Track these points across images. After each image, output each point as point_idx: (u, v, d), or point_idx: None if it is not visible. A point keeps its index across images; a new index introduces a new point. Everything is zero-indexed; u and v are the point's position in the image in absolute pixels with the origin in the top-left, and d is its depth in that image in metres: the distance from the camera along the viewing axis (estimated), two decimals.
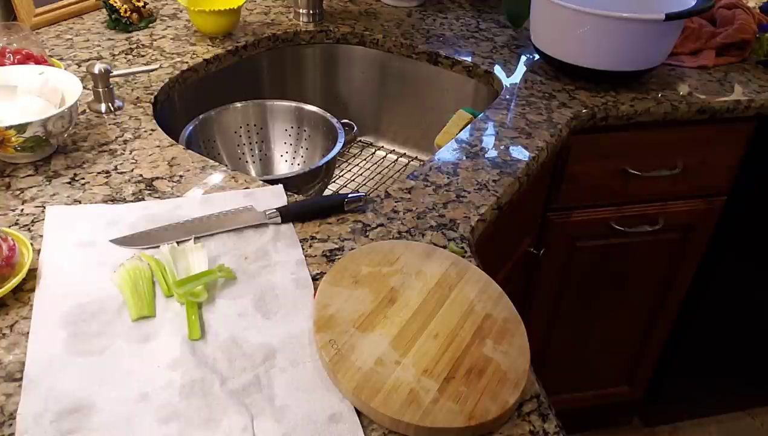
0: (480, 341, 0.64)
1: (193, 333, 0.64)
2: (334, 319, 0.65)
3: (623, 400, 1.70)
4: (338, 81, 1.46)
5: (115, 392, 0.59)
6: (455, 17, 1.48)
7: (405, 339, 0.63)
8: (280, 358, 0.63)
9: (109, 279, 0.70)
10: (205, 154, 0.98)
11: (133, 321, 0.65)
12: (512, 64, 1.28)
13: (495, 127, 1.06)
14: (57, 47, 1.18)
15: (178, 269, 0.71)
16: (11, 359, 0.61)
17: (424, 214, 0.85)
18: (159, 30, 1.29)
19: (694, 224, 1.36)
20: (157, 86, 1.08)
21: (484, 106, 1.25)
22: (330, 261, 0.76)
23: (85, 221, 0.77)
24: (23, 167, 0.86)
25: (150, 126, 0.98)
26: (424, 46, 1.33)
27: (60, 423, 0.55)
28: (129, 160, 0.90)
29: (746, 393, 1.85)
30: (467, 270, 0.73)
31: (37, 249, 0.73)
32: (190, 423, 0.56)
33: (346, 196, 0.83)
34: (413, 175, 0.93)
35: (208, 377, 0.60)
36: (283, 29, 1.35)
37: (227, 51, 1.24)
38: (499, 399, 0.59)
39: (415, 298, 0.68)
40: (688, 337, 1.57)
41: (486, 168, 0.95)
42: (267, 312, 0.68)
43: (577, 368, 1.58)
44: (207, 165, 0.91)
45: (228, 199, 0.83)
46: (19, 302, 0.67)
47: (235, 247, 0.76)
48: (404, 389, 0.59)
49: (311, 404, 0.59)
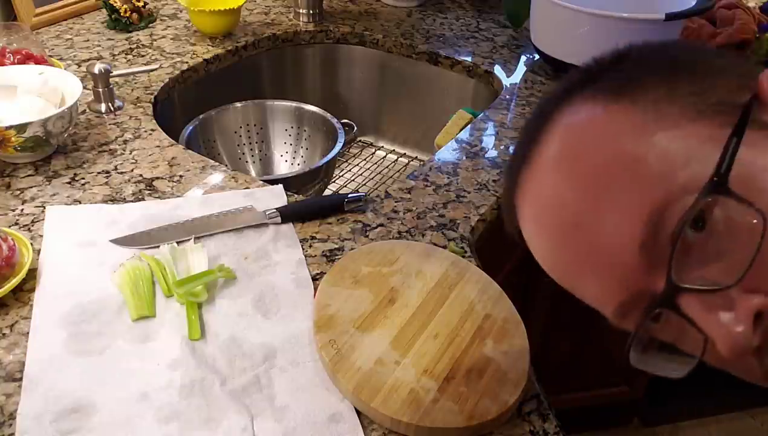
0: (480, 341, 0.64)
1: (193, 333, 0.64)
2: (334, 319, 0.65)
3: (623, 400, 1.70)
4: (338, 81, 1.46)
5: (115, 392, 0.59)
6: (455, 17, 1.48)
7: (405, 339, 0.63)
8: (280, 358, 0.63)
9: (109, 279, 0.70)
10: (205, 154, 0.98)
11: (133, 321, 0.65)
12: (512, 64, 1.28)
13: (495, 127, 1.06)
14: (57, 47, 1.18)
15: (178, 269, 0.71)
16: (11, 359, 0.61)
17: (424, 214, 0.85)
18: (159, 30, 1.28)
19: None
20: (157, 86, 1.08)
21: (484, 106, 1.25)
22: (330, 261, 0.75)
23: (85, 221, 0.77)
24: (23, 167, 0.86)
25: (150, 126, 0.98)
26: (424, 46, 1.33)
27: (60, 423, 0.55)
28: (129, 160, 0.90)
29: (746, 393, 1.85)
30: (467, 270, 0.73)
31: (37, 249, 0.73)
32: (190, 423, 0.56)
33: (346, 196, 0.83)
34: (413, 175, 0.93)
35: (208, 377, 0.60)
36: (283, 29, 1.35)
37: (227, 51, 1.24)
38: (499, 399, 0.59)
39: (415, 298, 0.68)
40: None
41: (486, 168, 0.95)
42: (267, 312, 0.68)
43: (577, 368, 1.58)
44: (207, 165, 0.91)
45: (228, 199, 0.83)
46: (19, 302, 0.67)
47: (235, 247, 0.76)
48: (404, 389, 0.59)
49: (311, 404, 0.59)
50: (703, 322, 0.34)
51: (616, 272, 0.36)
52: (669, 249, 0.33)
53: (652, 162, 0.34)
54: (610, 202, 0.35)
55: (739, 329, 0.33)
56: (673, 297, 0.34)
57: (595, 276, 0.37)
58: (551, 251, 0.40)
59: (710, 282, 0.34)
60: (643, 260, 0.35)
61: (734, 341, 0.33)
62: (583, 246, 0.37)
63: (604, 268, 0.37)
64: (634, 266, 0.35)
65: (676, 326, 0.36)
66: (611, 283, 0.37)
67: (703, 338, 0.35)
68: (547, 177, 0.39)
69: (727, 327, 0.33)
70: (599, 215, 0.36)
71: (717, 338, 0.34)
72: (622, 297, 0.37)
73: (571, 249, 0.38)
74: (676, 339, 0.38)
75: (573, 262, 0.38)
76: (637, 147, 0.35)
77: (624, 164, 0.35)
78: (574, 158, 0.37)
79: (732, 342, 0.33)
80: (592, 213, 0.36)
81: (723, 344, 0.33)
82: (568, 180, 0.37)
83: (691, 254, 0.34)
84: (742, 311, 0.33)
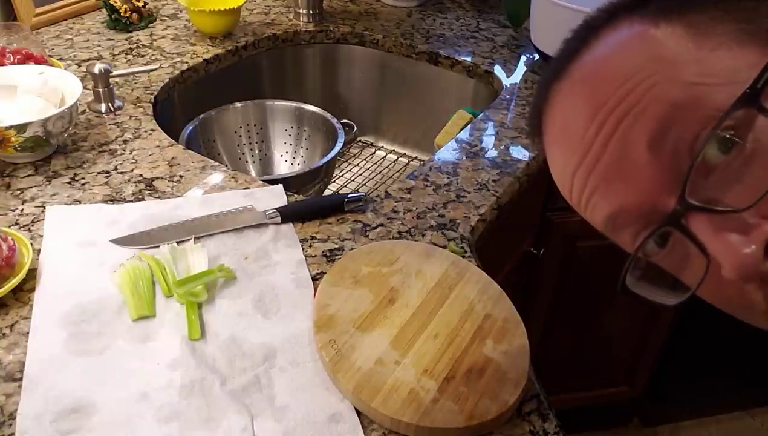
0: (480, 341, 0.64)
1: (193, 333, 0.64)
2: (334, 319, 0.65)
3: (623, 400, 1.70)
4: (338, 81, 1.46)
5: (115, 392, 0.59)
6: (455, 17, 1.48)
7: (405, 339, 0.63)
8: (280, 358, 0.63)
9: (109, 279, 0.70)
10: (205, 154, 0.98)
11: (133, 321, 0.65)
12: (512, 64, 1.28)
13: (495, 127, 1.06)
14: (57, 47, 1.18)
15: (178, 269, 0.71)
16: (11, 359, 0.61)
17: (424, 214, 0.85)
18: (159, 30, 1.28)
19: None
20: (157, 86, 1.08)
21: (484, 106, 1.25)
22: (330, 261, 0.75)
23: (85, 221, 0.77)
24: (23, 167, 0.86)
25: (150, 126, 0.98)
26: (424, 46, 1.33)
27: (60, 423, 0.55)
28: (129, 160, 0.90)
29: (746, 393, 1.85)
30: (467, 270, 0.73)
31: (37, 249, 0.73)
32: (190, 423, 0.56)
33: (346, 196, 0.83)
34: (413, 175, 0.93)
35: (208, 377, 0.60)
36: (283, 29, 1.35)
37: (227, 51, 1.24)
38: (499, 399, 0.59)
39: (415, 298, 0.68)
40: (688, 336, 1.57)
41: (486, 168, 0.95)
42: (267, 312, 0.68)
43: (577, 368, 1.58)
44: (207, 165, 0.91)
45: (228, 199, 0.83)
46: (19, 302, 0.67)
47: (235, 247, 0.76)
48: (404, 389, 0.59)
49: (311, 404, 0.59)
50: (711, 242, 0.33)
51: (624, 170, 0.35)
52: (688, 165, 0.33)
53: (691, 76, 0.33)
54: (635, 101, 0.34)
55: (748, 249, 0.32)
56: (683, 215, 0.34)
57: (605, 180, 0.37)
58: (568, 161, 0.39)
59: (724, 204, 0.33)
60: (652, 162, 0.34)
61: (742, 261, 0.32)
62: (604, 156, 0.36)
63: (613, 168, 0.36)
64: (643, 164, 0.34)
65: (678, 250, 0.36)
66: (620, 186, 0.36)
67: (705, 263, 0.34)
68: (578, 91, 0.38)
69: (736, 247, 0.32)
70: (622, 120, 0.35)
71: (724, 258, 0.33)
72: (627, 200, 0.36)
73: (592, 160, 0.37)
74: (674, 266, 0.37)
75: (591, 174, 0.37)
76: (678, 62, 0.34)
77: (659, 72, 0.34)
78: (610, 77, 0.36)
79: (740, 262, 0.32)
80: (616, 123, 0.35)
81: (730, 263, 0.32)
82: (598, 95, 0.36)
83: (710, 175, 0.33)
84: (755, 235, 0.32)
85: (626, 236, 0.39)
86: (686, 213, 0.34)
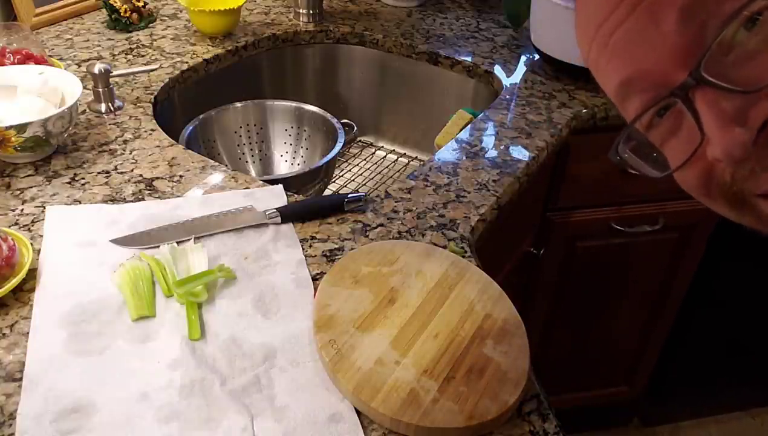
0: (480, 341, 0.64)
1: (193, 333, 0.64)
2: (334, 319, 0.65)
3: (623, 400, 1.70)
4: (338, 81, 1.46)
5: (115, 392, 0.59)
6: (455, 17, 1.48)
7: (405, 339, 0.63)
8: (280, 358, 0.63)
9: (109, 279, 0.70)
10: (205, 154, 0.98)
11: (133, 321, 0.65)
12: (512, 64, 1.28)
13: (495, 127, 1.06)
14: (57, 47, 1.18)
15: (178, 269, 0.71)
16: (11, 359, 0.61)
17: (424, 214, 0.85)
18: (159, 30, 1.28)
19: (694, 224, 1.36)
20: (157, 86, 1.08)
21: (484, 106, 1.25)
22: (330, 261, 0.76)
23: (85, 221, 0.77)
24: (23, 167, 0.86)
25: (150, 126, 0.98)
26: (424, 46, 1.33)
27: (60, 423, 0.55)
28: (129, 160, 0.90)
29: (746, 393, 1.86)
30: (467, 270, 0.73)
31: (37, 249, 0.73)
32: (190, 423, 0.56)
33: (346, 196, 0.83)
34: (413, 175, 0.93)
35: (208, 377, 0.60)
36: (283, 29, 1.35)
37: (227, 51, 1.24)
38: (499, 399, 0.59)
39: (415, 298, 0.68)
40: (688, 337, 1.57)
41: (486, 168, 0.95)
42: (267, 312, 0.68)
43: (577, 368, 1.58)
44: (207, 165, 0.91)
45: (228, 199, 0.83)
46: (19, 302, 0.67)
47: (235, 247, 0.76)
48: (404, 389, 0.59)
49: (311, 404, 0.59)
50: (710, 118, 0.34)
51: (649, 34, 0.35)
52: (712, 39, 0.33)
53: None
54: None
55: (741, 131, 0.33)
56: (692, 88, 0.34)
57: (629, 41, 0.36)
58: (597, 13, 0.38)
59: (735, 83, 0.33)
60: (678, 32, 0.34)
61: (733, 139, 0.33)
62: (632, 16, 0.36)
63: (639, 31, 0.36)
64: (668, 31, 0.34)
65: (674, 124, 0.36)
66: (640, 50, 0.36)
67: (698, 140, 0.34)
68: None
69: (731, 126, 0.33)
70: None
71: (716, 135, 0.33)
72: (644, 65, 0.36)
73: (619, 18, 0.37)
74: (666, 140, 0.38)
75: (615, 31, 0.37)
76: None
77: None
78: None
79: (731, 140, 0.33)
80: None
81: (719, 142, 0.33)
82: None
83: (728, 54, 0.33)
84: (753, 116, 0.33)
85: (635, 104, 0.39)
86: (695, 86, 0.34)
